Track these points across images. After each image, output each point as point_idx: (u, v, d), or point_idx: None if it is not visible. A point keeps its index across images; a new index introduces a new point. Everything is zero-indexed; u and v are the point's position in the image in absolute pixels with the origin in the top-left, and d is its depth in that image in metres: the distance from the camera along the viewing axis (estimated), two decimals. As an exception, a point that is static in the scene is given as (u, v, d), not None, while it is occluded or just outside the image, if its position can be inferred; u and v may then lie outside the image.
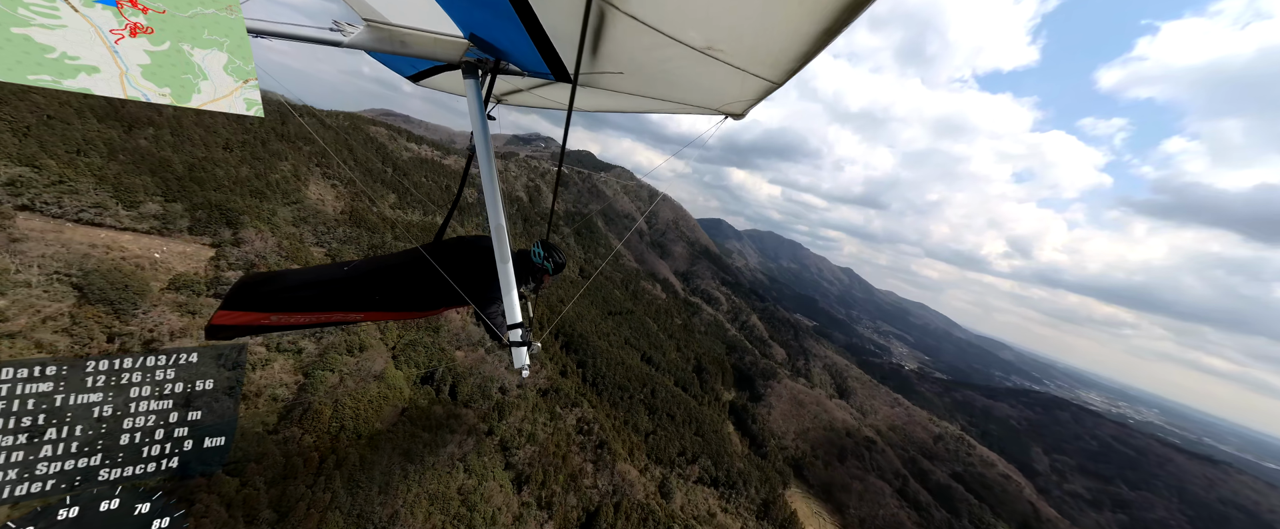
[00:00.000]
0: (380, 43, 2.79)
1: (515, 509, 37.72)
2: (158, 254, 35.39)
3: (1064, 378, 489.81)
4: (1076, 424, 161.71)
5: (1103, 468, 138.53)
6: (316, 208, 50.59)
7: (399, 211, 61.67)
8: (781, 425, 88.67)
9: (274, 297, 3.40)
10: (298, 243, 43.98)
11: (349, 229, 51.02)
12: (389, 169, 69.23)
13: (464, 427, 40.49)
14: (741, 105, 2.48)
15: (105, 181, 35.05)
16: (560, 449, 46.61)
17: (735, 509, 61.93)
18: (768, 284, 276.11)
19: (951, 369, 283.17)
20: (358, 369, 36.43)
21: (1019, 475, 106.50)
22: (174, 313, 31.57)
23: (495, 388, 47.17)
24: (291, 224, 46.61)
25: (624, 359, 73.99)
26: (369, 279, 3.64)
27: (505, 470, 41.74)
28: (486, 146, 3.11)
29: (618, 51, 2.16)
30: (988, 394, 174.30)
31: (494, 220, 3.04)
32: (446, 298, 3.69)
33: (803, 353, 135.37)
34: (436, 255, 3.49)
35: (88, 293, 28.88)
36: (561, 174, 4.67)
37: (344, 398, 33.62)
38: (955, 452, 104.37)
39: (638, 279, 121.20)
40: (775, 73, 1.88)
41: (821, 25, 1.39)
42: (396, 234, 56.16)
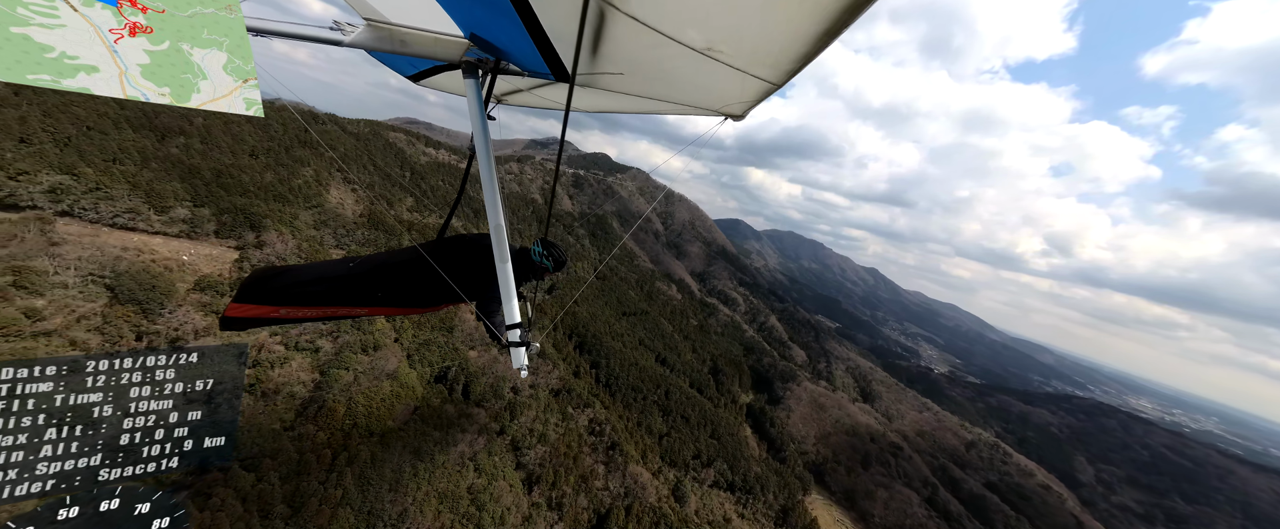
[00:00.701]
0: (380, 42, 2.80)
1: (525, 509, 37.57)
2: (185, 257, 36.98)
3: (1110, 383, 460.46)
4: (1125, 432, 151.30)
5: (1156, 480, 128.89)
6: (336, 211, 52.13)
7: (416, 214, 63.08)
8: (801, 429, 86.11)
9: (283, 291, 3.53)
10: (317, 245, 45.29)
11: (367, 232, 52.33)
12: (407, 173, 71.05)
13: (475, 426, 40.69)
14: (741, 106, 2.46)
15: (138, 188, 36.88)
16: (571, 450, 46.33)
17: (752, 515, 60.29)
18: (788, 285, 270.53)
19: (985, 373, 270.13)
20: (372, 367, 37.08)
21: (1060, 486, 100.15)
22: (198, 312, 32.83)
23: (508, 388, 47.33)
24: (312, 228, 48.10)
25: (638, 360, 73.35)
26: (372, 276, 3.71)
27: (516, 470, 41.72)
28: (486, 146, 3.13)
29: (617, 52, 2.15)
30: (1025, 399, 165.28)
31: (493, 220, 3.07)
32: (447, 295, 3.75)
33: (824, 355, 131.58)
34: (437, 253, 3.60)
35: (119, 293, 30.32)
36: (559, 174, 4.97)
37: (357, 396, 34.23)
38: (989, 460, 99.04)
39: (653, 280, 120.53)
40: (775, 74, 1.88)
41: (822, 26, 1.38)
42: (413, 237, 57.32)
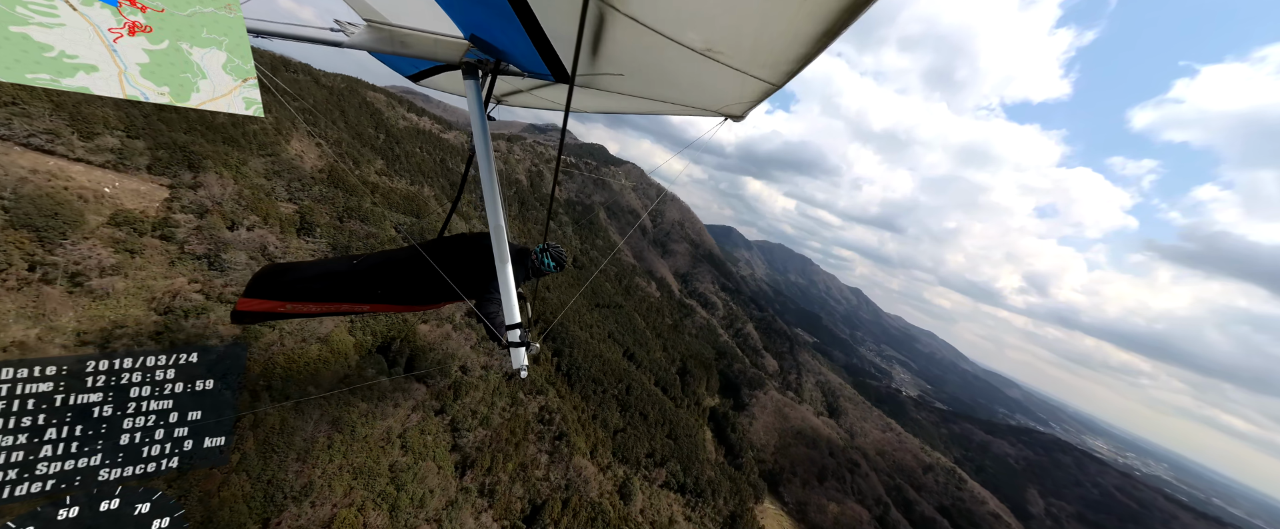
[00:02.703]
0: (381, 43, 2.83)
1: (452, 493, 35.58)
2: (108, 189, 34.04)
3: (1072, 422, 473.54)
4: (1078, 469, 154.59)
5: (1103, 518, 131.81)
6: (294, 163, 49.22)
7: (385, 178, 60.24)
8: (762, 437, 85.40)
9: (291, 287, 3.69)
10: (264, 195, 42.51)
11: (326, 188, 49.53)
12: (381, 135, 68.08)
13: (412, 402, 38.51)
14: (741, 107, 2.48)
15: (62, 108, 33.81)
16: (515, 436, 44.41)
17: (700, 519, 59.12)
18: (771, 295, 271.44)
19: (954, 401, 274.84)
20: (301, 329, 34.64)
21: (1010, 516, 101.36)
22: (108, 248, 30.06)
23: (456, 366, 45.18)
24: (263, 177, 45.19)
25: (603, 352, 71.61)
26: (373, 273, 3.79)
27: (451, 452, 39.67)
28: (486, 147, 3.14)
29: (617, 53, 2.17)
30: (988, 429, 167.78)
31: (493, 220, 3.12)
32: (446, 293, 3.76)
33: (796, 366, 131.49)
34: (436, 252, 3.72)
35: (14, 215, 27.45)
36: (558, 175, 4.52)
37: (278, 357, 31.82)
38: (945, 485, 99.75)
39: (633, 275, 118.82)
40: (774, 75, 1.89)
41: (820, 27, 1.40)
42: (376, 199, 54.67)
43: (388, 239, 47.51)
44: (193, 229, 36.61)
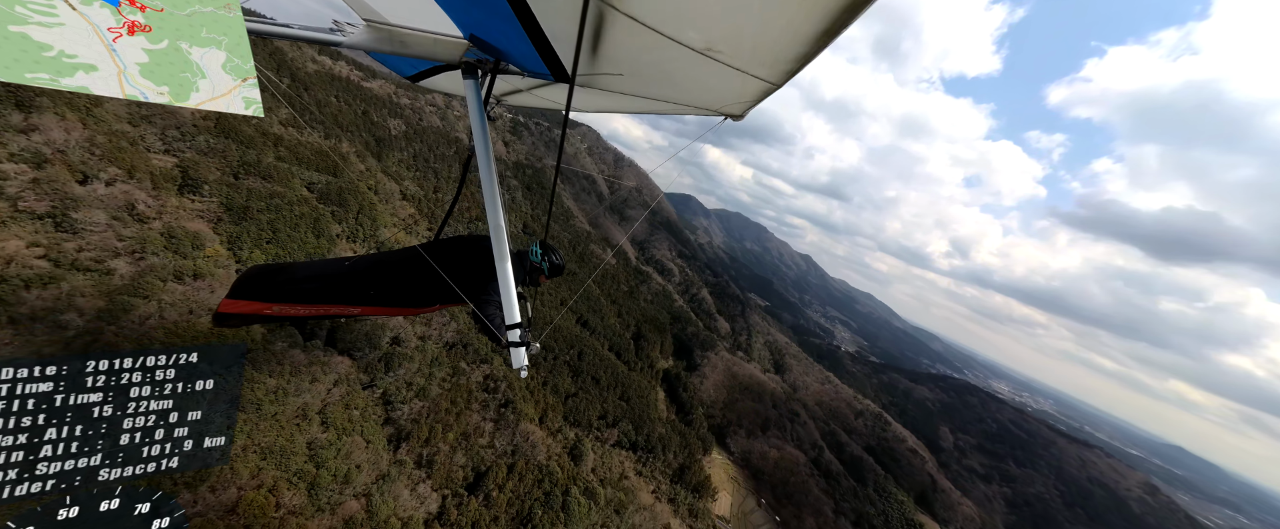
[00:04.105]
0: (380, 43, 2.81)
1: (383, 467, 33.86)
2: (-109, 130, 26.79)
3: (981, 369, 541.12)
4: (982, 408, 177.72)
5: (998, 447, 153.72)
6: (168, 108, 41.51)
7: (291, 129, 52.80)
8: (712, 395, 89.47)
9: (280, 288, 3.57)
10: (128, 144, 35.65)
11: (213, 138, 42.49)
12: (285, 80, 59.11)
13: (333, 377, 35.49)
14: (741, 106, 2.49)
15: None
16: (455, 406, 42.81)
17: (650, 473, 61.59)
18: (727, 262, 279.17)
19: (886, 355, 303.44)
20: (186, 299, 30.16)
21: (925, 451, 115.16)
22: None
23: (387, 339, 42.10)
24: (127, 122, 37.76)
25: (555, 319, 70.31)
26: (366, 275, 3.69)
27: (384, 426, 37.52)
28: (486, 147, 3.14)
29: (617, 52, 2.20)
30: (912, 378, 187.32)
31: (493, 220, 3.10)
32: (442, 295, 3.75)
33: (747, 328, 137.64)
34: (435, 253, 3.63)
35: None
36: (558, 175, 4.04)
37: (156, 332, 27.58)
38: (872, 427, 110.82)
39: (587, 242, 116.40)
40: (774, 74, 1.91)
41: (820, 26, 1.41)
42: (280, 154, 47.96)
43: (295, 198, 42.15)
44: (28, 182, 30.12)
